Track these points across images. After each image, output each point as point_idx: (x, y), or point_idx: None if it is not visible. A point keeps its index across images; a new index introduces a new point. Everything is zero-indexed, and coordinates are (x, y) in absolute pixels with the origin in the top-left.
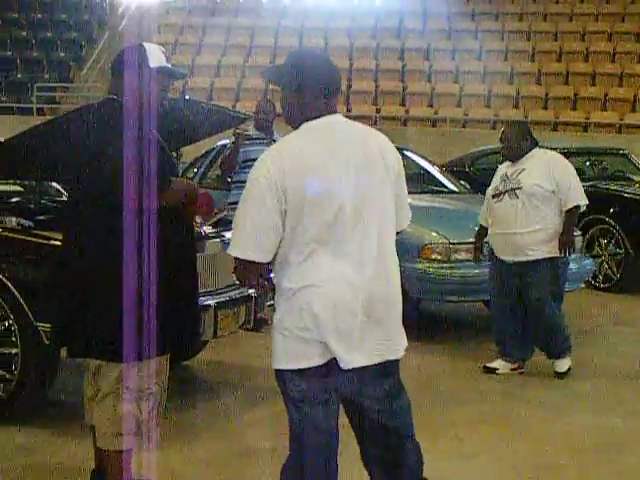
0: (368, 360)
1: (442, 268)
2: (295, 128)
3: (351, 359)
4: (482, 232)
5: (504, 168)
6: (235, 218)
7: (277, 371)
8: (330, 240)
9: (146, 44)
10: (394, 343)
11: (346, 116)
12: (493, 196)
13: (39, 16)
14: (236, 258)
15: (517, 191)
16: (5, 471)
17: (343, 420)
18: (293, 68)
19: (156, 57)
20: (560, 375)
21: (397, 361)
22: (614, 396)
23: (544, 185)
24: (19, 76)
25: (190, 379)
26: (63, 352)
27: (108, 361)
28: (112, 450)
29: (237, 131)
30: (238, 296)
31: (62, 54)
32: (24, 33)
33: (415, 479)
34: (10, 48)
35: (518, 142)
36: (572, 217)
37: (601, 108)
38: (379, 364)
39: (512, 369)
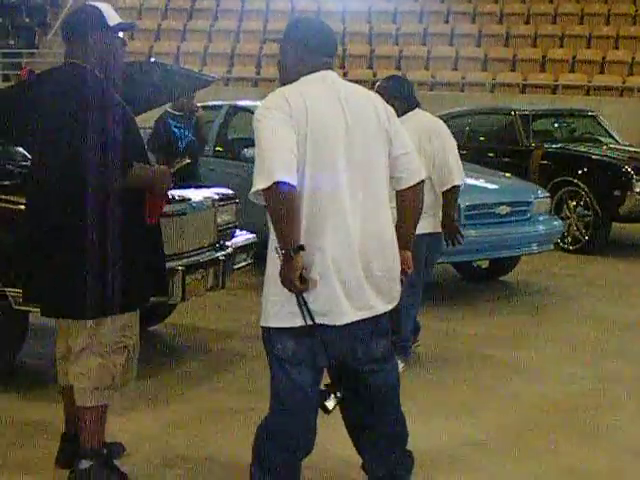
0: (359, 315)
1: None
2: (288, 83)
3: (343, 315)
4: None
5: None
6: (257, 160)
7: (264, 329)
8: (323, 186)
9: (97, 3)
10: (385, 297)
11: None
12: None
13: None
14: (265, 193)
15: None
16: None
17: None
18: (294, 30)
19: (111, 15)
20: None
21: (387, 322)
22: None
23: None
24: None
25: (158, 343)
26: (31, 317)
27: (78, 319)
28: (90, 406)
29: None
30: (206, 259)
31: (27, 19)
32: None
33: (400, 449)
34: None
35: (389, 100)
36: (453, 197)
37: (569, 70)
38: (371, 321)
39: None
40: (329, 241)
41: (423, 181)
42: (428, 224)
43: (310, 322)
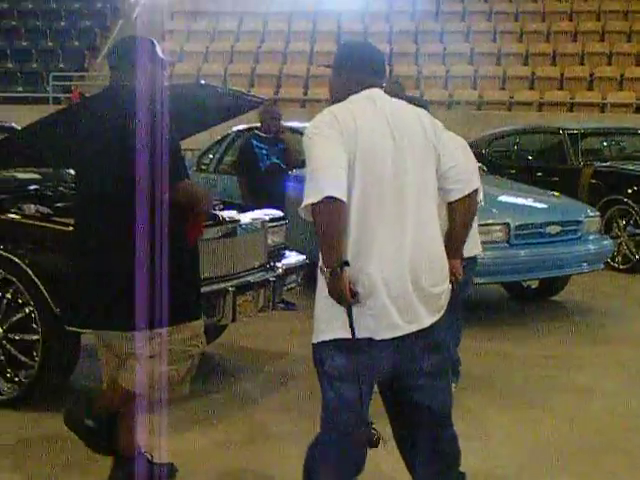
0: (409, 328)
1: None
2: (338, 102)
3: (393, 329)
4: None
5: None
6: (308, 178)
7: (315, 346)
8: (372, 203)
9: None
10: (433, 309)
11: None
12: None
13: (53, 6)
14: (313, 209)
15: None
16: (27, 457)
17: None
18: (344, 52)
19: (160, 50)
20: None
21: (443, 336)
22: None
23: None
24: (34, 66)
25: (209, 363)
26: (84, 338)
27: (126, 331)
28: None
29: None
30: (257, 280)
31: (76, 43)
32: (38, 23)
33: (453, 469)
34: (25, 38)
35: None
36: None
37: (617, 88)
38: (421, 334)
39: None
40: (379, 257)
41: (476, 190)
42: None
43: (359, 336)
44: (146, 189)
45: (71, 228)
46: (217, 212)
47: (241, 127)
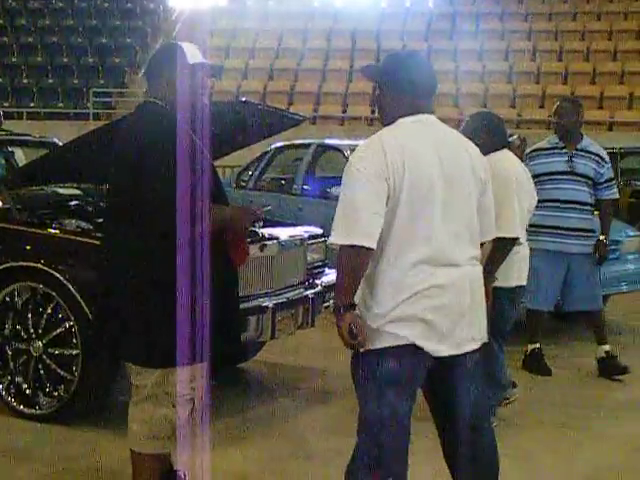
0: (457, 350)
1: None
2: (388, 124)
3: (442, 349)
4: None
5: None
6: (340, 207)
7: (366, 353)
8: (419, 231)
9: (180, 42)
10: (479, 334)
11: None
12: None
13: (94, 23)
14: (342, 248)
15: None
16: (66, 471)
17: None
18: (393, 68)
19: (194, 54)
20: None
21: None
22: None
23: None
24: (75, 82)
25: (247, 380)
26: None
27: (146, 367)
28: (145, 453)
29: None
30: (296, 297)
31: (117, 60)
32: (80, 40)
33: (493, 473)
34: (66, 55)
35: (477, 136)
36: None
37: None
38: (465, 356)
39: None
40: (429, 281)
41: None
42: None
43: (410, 342)
44: (167, 219)
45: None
46: (257, 229)
47: (280, 144)
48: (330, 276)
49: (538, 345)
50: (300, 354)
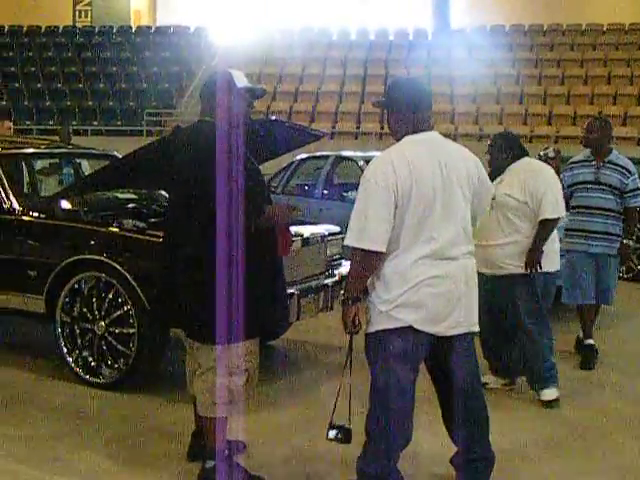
0: (454, 330)
1: None
2: (398, 140)
3: (440, 330)
4: None
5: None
6: (355, 215)
7: (373, 334)
8: (423, 231)
9: (230, 69)
10: (474, 317)
11: None
12: None
13: (147, 54)
14: (354, 249)
15: (492, 202)
16: (124, 431)
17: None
18: (393, 92)
19: (240, 79)
20: (546, 404)
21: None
22: None
23: (515, 195)
24: (131, 104)
25: (275, 355)
26: (173, 331)
27: (205, 343)
28: (210, 416)
29: None
30: (317, 285)
31: (166, 85)
32: (135, 68)
33: (484, 434)
34: (124, 81)
35: (498, 154)
36: (541, 231)
37: None
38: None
39: (503, 384)
40: (430, 272)
41: None
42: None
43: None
44: (224, 216)
45: (162, 240)
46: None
47: (304, 156)
48: (346, 267)
49: (591, 341)
50: (320, 333)
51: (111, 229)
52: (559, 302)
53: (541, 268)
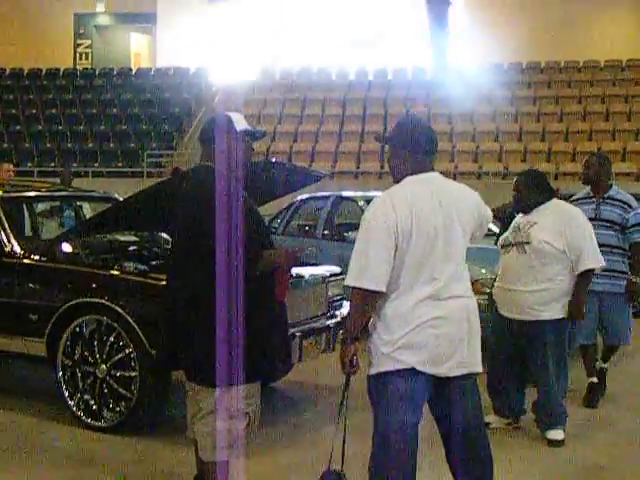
0: (456, 371)
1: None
2: (398, 181)
3: (442, 371)
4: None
5: (518, 218)
6: (355, 255)
7: (376, 376)
8: (424, 271)
9: (229, 112)
10: (477, 358)
11: None
12: (502, 246)
13: (148, 96)
14: (354, 289)
15: (526, 246)
16: (124, 474)
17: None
18: (400, 132)
19: (240, 122)
20: (552, 443)
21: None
22: None
23: (554, 244)
24: (132, 145)
25: (276, 396)
26: (174, 374)
27: (205, 386)
28: (211, 461)
29: None
30: (319, 326)
31: (166, 127)
32: (136, 110)
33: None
34: (125, 123)
35: (528, 192)
36: (584, 281)
37: None
38: (465, 377)
39: (507, 424)
40: (432, 313)
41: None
42: (558, 310)
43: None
44: (225, 259)
45: (163, 283)
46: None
47: (305, 196)
48: (347, 308)
49: (594, 379)
50: (320, 375)
51: (112, 272)
52: None
53: (583, 318)
